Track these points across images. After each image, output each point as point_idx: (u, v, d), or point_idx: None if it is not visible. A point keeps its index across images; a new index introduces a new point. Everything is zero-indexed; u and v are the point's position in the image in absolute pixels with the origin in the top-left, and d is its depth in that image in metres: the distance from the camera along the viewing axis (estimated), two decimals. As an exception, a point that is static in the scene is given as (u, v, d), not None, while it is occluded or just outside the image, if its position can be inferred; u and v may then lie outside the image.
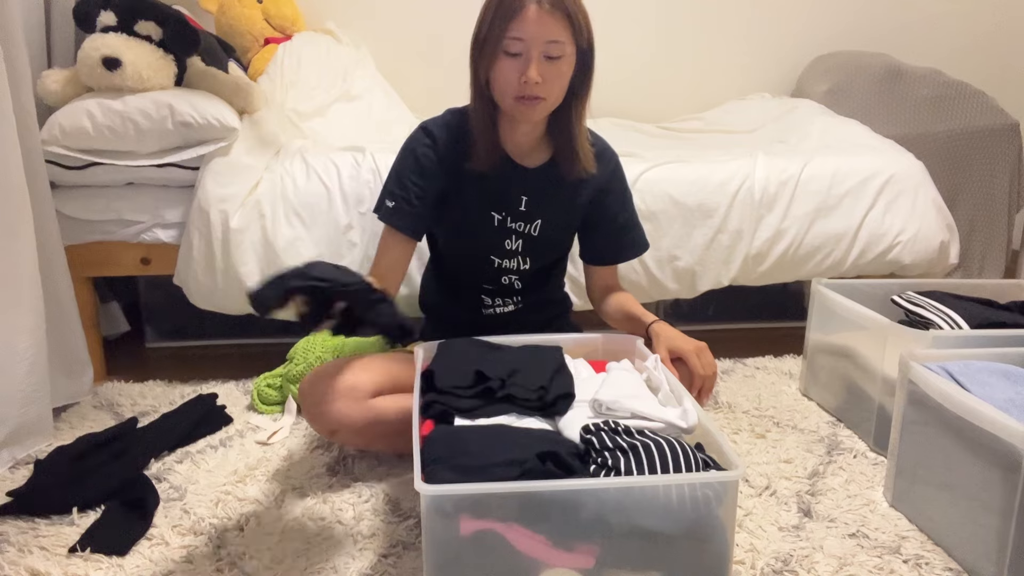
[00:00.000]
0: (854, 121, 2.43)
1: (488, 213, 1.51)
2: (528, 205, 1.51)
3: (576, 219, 1.59)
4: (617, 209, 1.59)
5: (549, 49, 1.33)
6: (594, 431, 1.13)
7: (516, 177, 1.50)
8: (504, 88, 1.36)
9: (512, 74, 1.34)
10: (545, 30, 1.32)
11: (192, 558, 1.22)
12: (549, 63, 1.34)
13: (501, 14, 1.32)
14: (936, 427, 1.31)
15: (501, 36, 1.32)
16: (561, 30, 1.33)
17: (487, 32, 1.34)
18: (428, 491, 0.99)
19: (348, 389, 1.39)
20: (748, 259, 2.04)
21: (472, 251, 1.56)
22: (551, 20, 1.32)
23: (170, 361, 2.12)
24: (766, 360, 2.09)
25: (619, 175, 1.60)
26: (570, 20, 1.33)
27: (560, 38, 1.33)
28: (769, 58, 2.99)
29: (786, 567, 1.22)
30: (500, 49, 1.34)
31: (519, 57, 1.33)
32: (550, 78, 1.35)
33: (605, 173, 1.55)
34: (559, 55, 1.34)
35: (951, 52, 2.96)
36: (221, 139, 1.86)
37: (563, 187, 1.52)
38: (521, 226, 1.53)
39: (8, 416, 1.50)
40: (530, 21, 1.31)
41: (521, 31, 1.31)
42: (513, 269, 1.57)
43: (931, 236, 2.10)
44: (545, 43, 1.32)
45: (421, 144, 1.48)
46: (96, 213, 1.85)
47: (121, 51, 1.79)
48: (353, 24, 2.69)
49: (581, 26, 1.36)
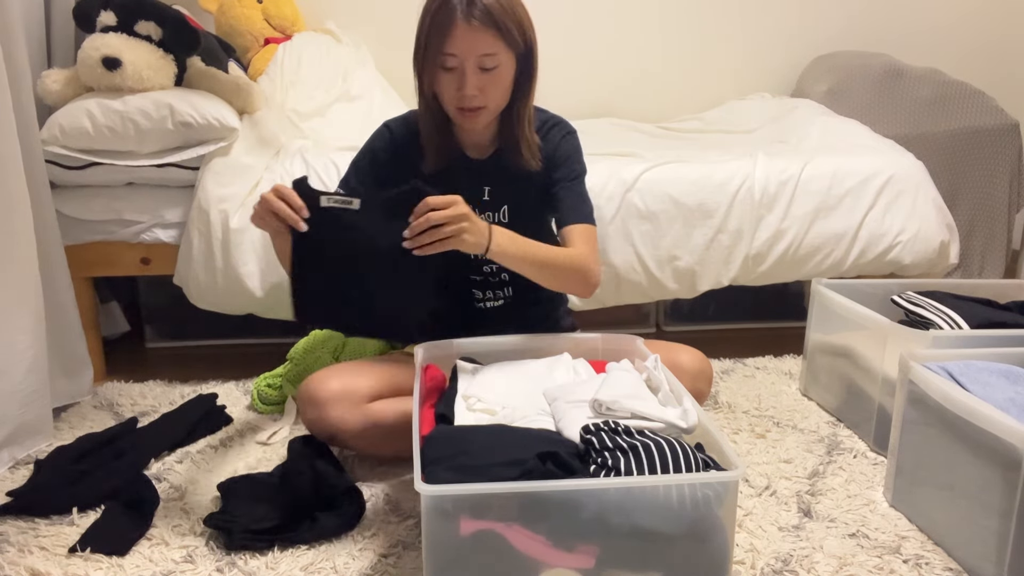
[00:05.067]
0: (854, 121, 2.43)
1: None
2: (491, 194, 1.53)
3: (537, 195, 1.55)
4: (560, 176, 1.53)
5: (483, 61, 1.35)
6: (594, 431, 1.13)
7: (473, 169, 1.52)
8: (446, 99, 1.40)
9: (450, 87, 1.38)
10: (475, 45, 1.34)
11: (192, 558, 1.22)
12: (485, 74, 1.37)
13: (434, 31, 1.34)
14: (936, 427, 1.31)
15: (437, 52, 1.35)
16: (492, 42, 1.34)
17: (424, 47, 1.37)
18: (428, 491, 0.99)
19: (346, 394, 1.39)
20: (748, 259, 2.03)
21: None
22: (481, 35, 1.33)
23: (170, 361, 2.12)
24: (766, 360, 2.09)
25: (567, 142, 1.55)
26: (500, 31, 1.34)
27: (492, 50, 1.35)
28: (769, 58, 2.99)
29: (786, 567, 1.22)
30: (437, 64, 1.36)
31: (455, 71, 1.36)
32: (488, 87, 1.38)
33: (553, 143, 1.54)
34: (494, 66, 1.36)
35: (951, 52, 2.96)
36: (221, 139, 1.86)
37: (519, 172, 1.52)
38: (489, 216, 1.53)
39: (8, 416, 1.49)
40: (459, 38, 1.33)
41: (453, 47, 1.34)
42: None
43: (931, 236, 2.09)
44: (478, 56, 1.35)
45: (381, 140, 1.52)
46: (96, 213, 1.85)
47: (121, 51, 1.79)
48: (353, 24, 2.69)
49: (513, 34, 1.36)
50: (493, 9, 1.33)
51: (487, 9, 1.33)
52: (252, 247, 1.82)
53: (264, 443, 1.61)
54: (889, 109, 2.50)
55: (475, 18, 1.32)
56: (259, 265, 1.83)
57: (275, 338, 2.10)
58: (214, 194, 1.81)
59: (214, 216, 1.80)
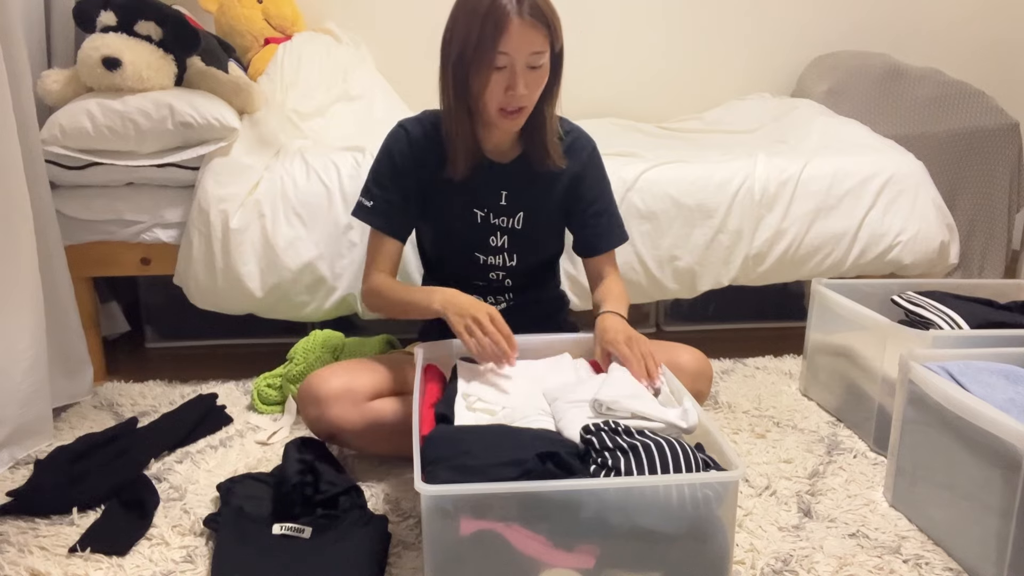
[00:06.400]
0: (854, 121, 2.43)
1: (470, 210, 1.52)
2: (508, 199, 1.52)
3: (556, 209, 1.58)
4: (592, 196, 1.58)
5: (532, 60, 1.35)
6: (594, 431, 1.13)
7: (493, 174, 1.51)
8: (490, 100, 1.38)
9: (498, 88, 1.36)
10: (528, 42, 1.33)
11: (192, 558, 1.22)
12: (532, 72, 1.36)
13: (488, 30, 1.32)
14: (936, 427, 1.31)
15: (490, 52, 1.33)
16: (542, 40, 1.34)
17: (475, 47, 1.33)
18: (428, 491, 0.99)
19: (346, 393, 1.39)
20: (748, 259, 2.04)
21: (457, 248, 1.56)
22: (533, 31, 1.33)
23: (170, 361, 2.12)
24: (766, 360, 2.09)
25: (595, 162, 1.59)
26: (548, 28, 1.34)
27: (541, 48, 1.35)
28: (769, 58, 2.99)
29: (786, 567, 1.22)
30: (486, 64, 1.34)
31: (503, 70, 1.35)
32: (533, 87, 1.38)
33: (580, 160, 1.56)
34: (540, 64, 1.36)
35: (951, 52, 2.96)
36: (221, 139, 1.86)
37: (540, 177, 1.52)
38: (504, 221, 1.53)
39: (8, 416, 1.49)
40: (514, 36, 1.32)
41: (506, 45, 1.32)
42: (499, 265, 1.57)
43: (931, 236, 2.09)
44: (528, 55, 1.34)
45: (399, 142, 1.49)
46: (96, 213, 1.85)
47: (121, 51, 1.78)
48: (353, 24, 2.69)
49: (557, 31, 1.37)
50: (541, 5, 1.33)
51: (536, 5, 1.32)
52: (252, 247, 1.82)
53: (264, 443, 1.61)
54: (889, 109, 2.50)
55: (528, 14, 1.31)
56: (259, 265, 1.83)
57: (275, 338, 2.10)
58: (214, 194, 1.81)
59: (214, 216, 1.80)
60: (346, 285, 1.87)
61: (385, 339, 1.83)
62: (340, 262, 1.86)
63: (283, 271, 1.83)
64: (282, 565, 1.17)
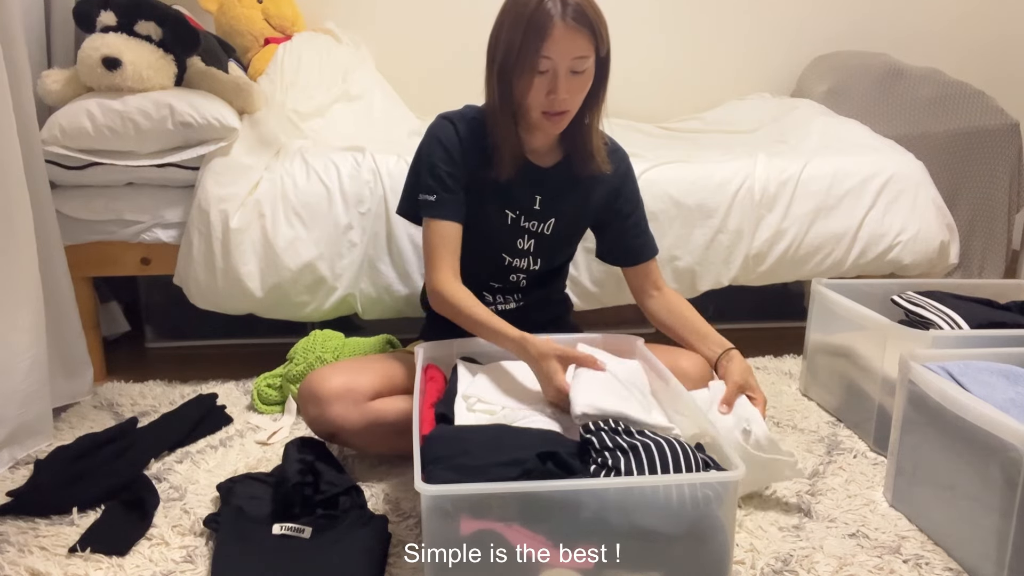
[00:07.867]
0: (854, 121, 2.43)
1: (503, 211, 1.52)
2: (542, 204, 1.52)
3: (588, 219, 1.60)
4: (629, 210, 1.61)
5: (575, 64, 1.34)
6: (594, 431, 1.13)
7: (531, 177, 1.50)
8: (532, 104, 1.37)
9: (540, 91, 1.35)
10: (572, 47, 1.32)
11: (192, 558, 1.22)
12: (575, 77, 1.36)
13: (532, 34, 1.31)
14: (936, 427, 1.31)
15: (533, 55, 1.32)
16: (586, 44, 1.34)
17: (519, 52, 1.33)
18: (428, 491, 0.99)
19: (346, 392, 1.39)
20: (748, 259, 2.04)
21: (484, 248, 1.55)
22: (577, 36, 1.32)
23: (170, 361, 2.12)
24: (766, 360, 2.09)
25: (631, 177, 1.62)
26: (593, 33, 1.34)
27: (585, 53, 1.34)
28: (769, 58, 2.99)
29: (786, 567, 1.22)
30: (529, 68, 1.33)
31: (546, 74, 1.34)
32: (575, 91, 1.37)
33: (618, 174, 1.57)
34: (583, 69, 1.36)
35: (951, 52, 2.96)
36: (221, 139, 1.86)
37: (577, 185, 1.53)
38: (535, 225, 1.53)
39: (8, 416, 1.49)
40: (558, 39, 1.31)
41: (550, 50, 1.31)
42: (523, 268, 1.57)
43: (931, 236, 2.10)
44: (571, 59, 1.33)
45: (445, 132, 1.47)
46: (96, 213, 1.85)
47: (121, 51, 1.79)
48: (353, 24, 2.69)
49: (602, 35, 1.36)
50: (586, 9, 1.33)
51: (581, 9, 1.32)
52: (252, 247, 1.82)
53: (264, 443, 1.61)
54: (889, 109, 2.50)
55: (572, 19, 1.31)
56: (259, 265, 1.83)
57: (275, 338, 2.10)
58: (214, 194, 1.81)
59: (214, 216, 1.80)
60: (346, 285, 1.87)
61: (385, 339, 1.84)
62: (340, 262, 1.86)
63: (283, 271, 1.83)
64: (282, 565, 1.17)
